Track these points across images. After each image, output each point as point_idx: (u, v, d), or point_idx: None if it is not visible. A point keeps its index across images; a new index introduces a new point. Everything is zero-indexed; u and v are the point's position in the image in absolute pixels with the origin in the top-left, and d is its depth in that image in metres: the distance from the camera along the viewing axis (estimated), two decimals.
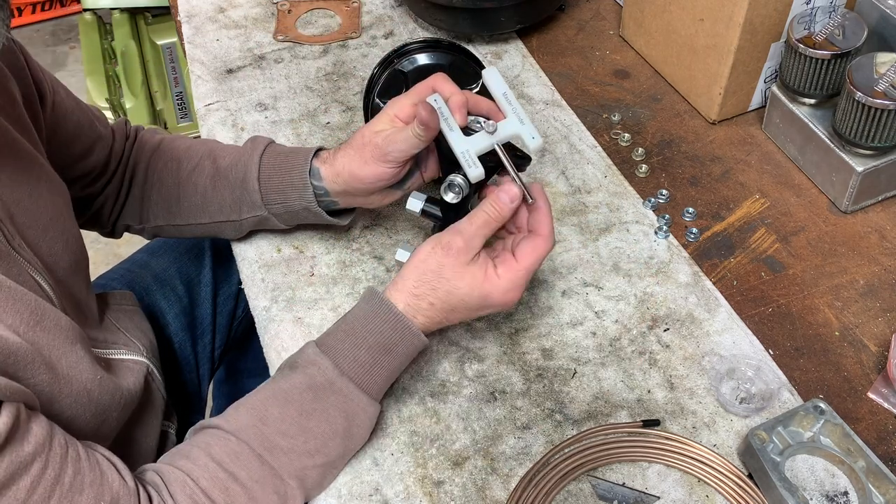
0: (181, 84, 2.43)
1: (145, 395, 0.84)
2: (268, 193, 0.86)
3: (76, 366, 0.67)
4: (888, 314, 0.85)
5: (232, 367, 1.30)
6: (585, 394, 0.80)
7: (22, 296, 0.62)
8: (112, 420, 0.74)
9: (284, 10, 1.27)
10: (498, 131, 0.76)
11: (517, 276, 0.72)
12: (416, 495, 0.73)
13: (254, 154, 0.86)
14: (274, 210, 0.87)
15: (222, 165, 0.88)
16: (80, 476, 0.60)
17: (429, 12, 1.17)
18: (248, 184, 0.86)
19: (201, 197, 0.89)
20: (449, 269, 0.71)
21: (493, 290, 0.72)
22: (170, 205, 0.92)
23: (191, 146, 0.92)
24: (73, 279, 0.78)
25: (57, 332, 0.64)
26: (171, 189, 0.91)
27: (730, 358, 0.81)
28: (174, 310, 1.08)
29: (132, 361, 0.83)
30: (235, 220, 0.89)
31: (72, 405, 0.66)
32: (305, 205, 0.85)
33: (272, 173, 0.85)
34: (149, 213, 0.94)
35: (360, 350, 0.71)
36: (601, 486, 0.73)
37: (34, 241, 0.71)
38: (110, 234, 0.99)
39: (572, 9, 1.25)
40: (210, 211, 0.90)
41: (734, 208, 0.96)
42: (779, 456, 0.71)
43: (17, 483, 0.56)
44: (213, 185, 0.88)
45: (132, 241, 1.09)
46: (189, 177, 0.90)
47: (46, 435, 0.59)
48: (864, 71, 0.86)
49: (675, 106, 1.09)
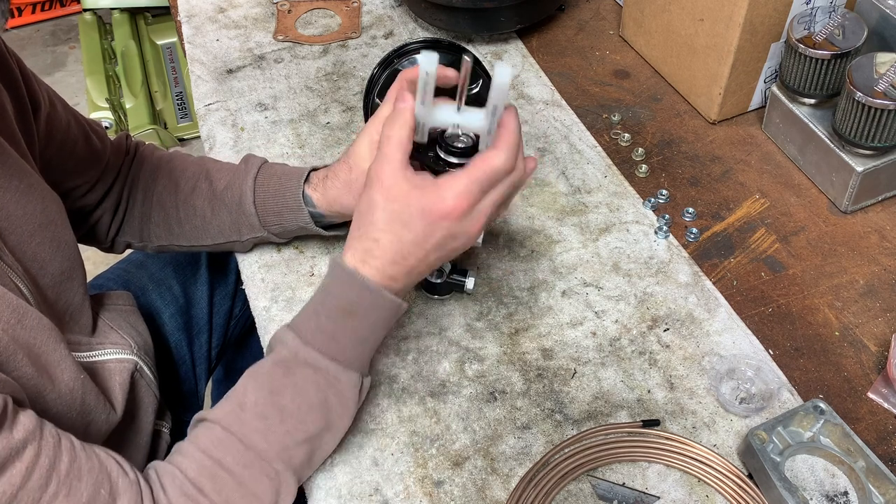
0: (181, 84, 2.44)
1: (133, 393, 0.84)
2: (265, 216, 0.87)
3: (59, 364, 0.67)
4: (888, 314, 0.85)
5: (230, 367, 1.30)
6: (585, 394, 0.80)
7: (2, 295, 0.62)
8: (101, 423, 0.75)
9: (284, 10, 1.27)
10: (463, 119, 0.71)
11: (458, 182, 0.65)
12: (416, 495, 0.73)
13: (247, 178, 0.87)
14: (273, 230, 0.88)
15: (218, 188, 0.89)
16: (76, 463, 0.60)
17: (429, 12, 1.17)
18: (244, 207, 0.87)
19: (201, 220, 0.90)
20: (379, 195, 0.66)
21: (432, 200, 0.65)
22: (171, 227, 0.92)
23: (187, 167, 0.93)
24: (65, 286, 0.78)
25: (39, 331, 0.65)
26: (170, 211, 0.92)
27: (730, 358, 0.81)
28: (170, 309, 1.08)
29: (117, 360, 0.83)
30: (237, 241, 0.91)
31: (57, 402, 0.67)
32: (303, 225, 0.86)
33: (266, 198, 0.86)
34: (150, 234, 0.94)
35: (321, 317, 0.69)
36: (601, 486, 0.73)
37: (17, 246, 0.71)
38: (110, 250, 0.99)
39: (572, 9, 1.25)
40: (211, 233, 0.91)
41: (734, 208, 0.96)
42: (779, 456, 0.71)
43: (10, 468, 0.56)
44: (210, 208, 0.89)
45: None
46: (187, 199, 0.90)
47: (36, 424, 0.59)
48: (864, 71, 0.86)
49: (675, 106, 1.09)
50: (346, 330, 0.69)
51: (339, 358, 0.69)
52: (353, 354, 0.70)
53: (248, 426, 0.68)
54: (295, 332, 0.70)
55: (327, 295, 0.70)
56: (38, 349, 0.65)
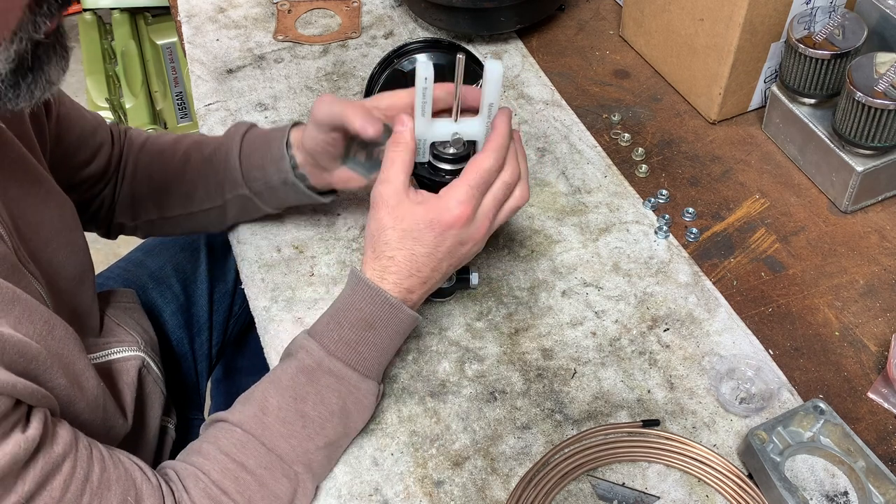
0: (181, 84, 2.43)
1: (141, 391, 0.84)
2: (248, 171, 0.87)
3: (84, 372, 0.68)
4: (888, 314, 0.85)
5: (229, 365, 1.30)
6: (585, 394, 0.80)
7: (36, 307, 0.63)
8: (119, 428, 0.76)
9: (284, 10, 1.27)
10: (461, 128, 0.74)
11: (457, 190, 0.69)
12: (416, 495, 0.73)
13: (236, 136, 0.88)
14: (254, 188, 0.87)
15: (206, 152, 0.90)
16: (106, 473, 0.62)
17: (429, 12, 1.17)
18: (229, 163, 0.87)
19: (188, 185, 0.91)
20: (387, 216, 0.70)
21: (437, 211, 0.69)
22: (159, 197, 0.93)
23: (177, 139, 0.94)
24: (78, 288, 0.79)
25: (66, 342, 0.66)
26: (158, 182, 0.92)
27: (730, 358, 0.81)
28: (171, 307, 1.08)
29: (125, 359, 0.84)
30: (220, 205, 0.90)
31: (85, 410, 0.68)
32: (283, 177, 0.85)
33: (252, 150, 0.86)
34: (140, 209, 0.95)
35: (343, 329, 0.72)
36: (601, 486, 0.73)
37: (36, 252, 0.72)
38: (106, 235, 1.00)
39: (572, 9, 1.25)
40: (197, 198, 0.91)
41: (734, 208, 0.96)
42: (779, 456, 0.71)
43: (51, 483, 0.58)
44: (198, 172, 0.90)
45: (131, 242, 1.09)
46: (176, 168, 0.91)
47: (72, 437, 0.61)
48: (864, 71, 0.86)
49: (675, 106, 1.09)
50: (367, 341, 0.72)
51: (359, 368, 0.72)
52: (372, 364, 0.73)
53: (271, 430, 0.69)
54: (318, 342, 0.72)
55: (350, 308, 0.72)
56: (67, 359, 0.65)
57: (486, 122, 0.73)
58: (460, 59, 0.69)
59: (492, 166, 0.70)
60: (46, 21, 0.55)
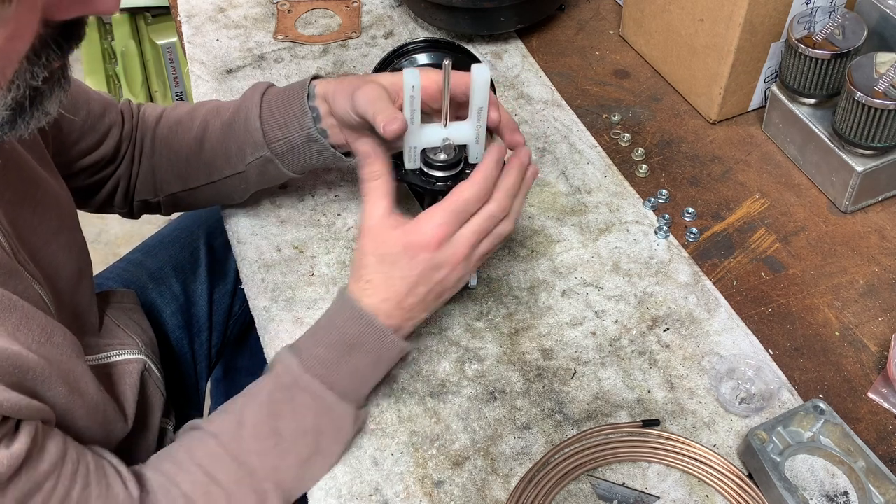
0: (181, 84, 2.43)
1: (143, 394, 0.84)
2: (270, 130, 0.84)
3: (83, 378, 0.68)
4: (888, 314, 0.85)
5: (229, 365, 1.30)
6: (585, 394, 0.80)
7: (33, 314, 0.63)
8: (118, 431, 0.76)
9: (284, 10, 1.27)
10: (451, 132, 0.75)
11: (433, 214, 0.70)
12: (416, 495, 0.73)
13: (255, 96, 0.86)
14: (276, 149, 0.85)
15: (225, 117, 0.88)
16: (87, 490, 0.62)
17: (429, 12, 1.17)
18: (250, 124, 0.85)
19: (209, 153, 0.89)
20: (369, 243, 0.72)
21: (413, 235, 0.70)
22: (180, 168, 0.91)
23: (194, 108, 0.92)
24: (77, 288, 0.79)
25: (65, 347, 0.66)
26: (179, 152, 0.91)
27: (730, 358, 0.81)
28: (170, 308, 1.08)
29: (127, 361, 0.83)
30: (241, 172, 0.88)
31: (84, 416, 0.68)
32: (305, 133, 0.82)
33: (273, 109, 0.84)
34: (161, 183, 0.94)
35: (320, 347, 0.72)
36: (601, 486, 0.73)
37: (36, 253, 0.72)
38: (129, 215, 0.99)
39: (572, 9, 1.25)
40: (218, 165, 0.89)
41: (734, 208, 0.96)
42: (779, 456, 0.71)
43: (31, 501, 0.58)
44: (218, 138, 0.88)
45: (131, 242, 1.09)
46: (196, 136, 0.90)
47: (61, 452, 0.61)
48: (864, 71, 0.86)
49: (675, 106, 1.09)
50: (347, 363, 0.72)
51: (336, 388, 0.72)
52: (351, 387, 0.73)
53: (245, 445, 0.70)
54: (298, 358, 0.72)
55: (331, 328, 0.72)
56: (66, 365, 0.65)
57: (476, 125, 0.74)
58: (446, 66, 0.69)
59: (472, 196, 0.71)
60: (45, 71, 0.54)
